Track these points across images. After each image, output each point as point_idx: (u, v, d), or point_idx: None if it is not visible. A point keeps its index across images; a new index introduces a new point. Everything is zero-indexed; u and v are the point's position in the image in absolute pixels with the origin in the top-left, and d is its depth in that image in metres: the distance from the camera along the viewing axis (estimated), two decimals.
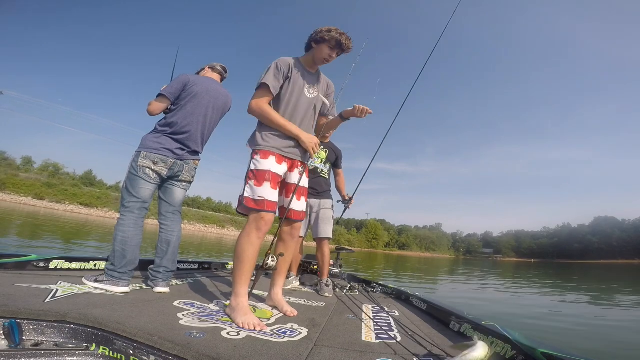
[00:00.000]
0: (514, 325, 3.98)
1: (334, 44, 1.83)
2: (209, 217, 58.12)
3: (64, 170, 56.62)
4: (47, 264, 2.15)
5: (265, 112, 1.77)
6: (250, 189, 1.74)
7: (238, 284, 1.65)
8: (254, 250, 1.68)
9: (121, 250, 1.89)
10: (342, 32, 1.84)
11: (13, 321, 1.13)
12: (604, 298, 8.62)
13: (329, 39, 1.82)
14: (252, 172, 1.77)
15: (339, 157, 3.25)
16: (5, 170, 45.53)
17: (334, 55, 1.87)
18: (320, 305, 2.20)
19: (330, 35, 1.82)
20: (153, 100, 2.12)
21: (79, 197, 45.20)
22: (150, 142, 2.05)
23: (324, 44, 1.84)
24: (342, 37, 1.83)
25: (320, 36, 1.84)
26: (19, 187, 42.01)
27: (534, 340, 1.29)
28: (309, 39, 1.90)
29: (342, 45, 1.84)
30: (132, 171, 2.00)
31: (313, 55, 1.90)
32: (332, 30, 1.83)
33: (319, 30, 1.86)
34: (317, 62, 1.91)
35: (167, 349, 1.09)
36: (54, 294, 1.49)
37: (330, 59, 1.88)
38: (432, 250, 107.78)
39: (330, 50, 1.85)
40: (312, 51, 1.90)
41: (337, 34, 1.82)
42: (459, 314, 1.85)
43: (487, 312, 5.38)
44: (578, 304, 7.41)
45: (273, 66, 1.80)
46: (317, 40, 1.86)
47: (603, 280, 16.42)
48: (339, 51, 1.86)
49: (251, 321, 1.46)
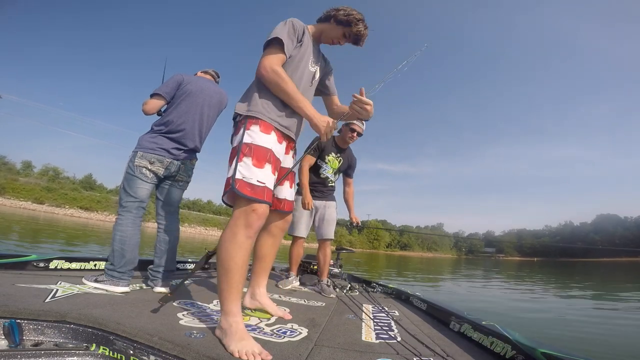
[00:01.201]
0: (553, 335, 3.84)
1: (353, 36, 1.64)
2: (210, 220, 58.09)
3: (64, 175, 56.76)
4: (47, 264, 2.15)
5: (282, 79, 1.42)
6: (246, 168, 1.32)
7: (227, 300, 1.27)
8: (243, 255, 1.28)
9: (120, 250, 1.90)
10: (366, 27, 1.65)
11: (13, 321, 1.13)
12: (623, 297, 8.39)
13: (353, 29, 1.62)
14: (247, 146, 1.36)
15: (353, 166, 3.19)
16: (5, 174, 45.54)
17: (342, 43, 1.69)
18: (320, 305, 2.19)
19: (357, 28, 1.62)
20: (148, 99, 2.11)
21: (79, 201, 45.24)
22: (147, 142, 2.05)
23: (345, 28, 1.63)
24: (364, 33, 1.65)
25: (347, 19, 1.62)
26: (18, 191, 42.02)
27: (534, 340, 1.29)
28: (330, 14, 1.66)
29: (359, 41, 1.66)
30: (129, 171, 2.00)
31: (323, 30, 1.68)
32: (360, 21, 1.63)
33: (348, 11, 1.63)
34: (324, 39, 1.70)
35: (167, 349, 1.08)
36: (54, 294, 1.50)
37: (336, 44, 1.69)
38: (434, 251, 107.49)
39: (344, 38, 1.66)
40: (326, 26, 1.67)
41: (363, 28, 1.63)
42: (459, 314, 1.85)
43: (515, 318, 4.96)
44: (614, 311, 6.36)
45: (289, 25, 1.50)
46: (340, 20, 1.63)
47: (614, 280, 16.22)
48: (349, 42, 1.68)
49: (250, 349, 1.12)
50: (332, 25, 1.66)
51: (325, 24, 1.68)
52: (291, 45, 1.49)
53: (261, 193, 1.31)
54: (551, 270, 24.56)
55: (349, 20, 1.62)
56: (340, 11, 1.64)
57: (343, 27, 1.64)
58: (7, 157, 52.15)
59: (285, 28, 1.48)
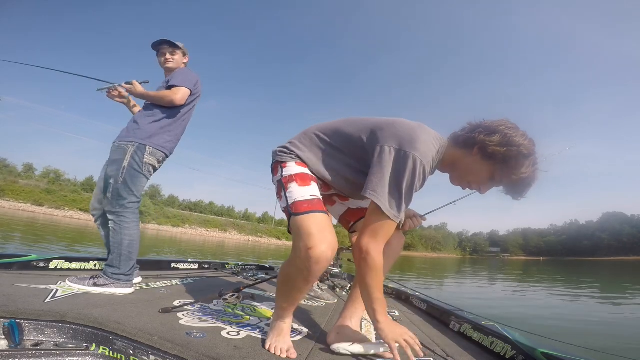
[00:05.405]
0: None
1: (512, 187, 1.11)
2: (211, 221, 58.22)
3: (65, 177, 56.99)
4: (47, 264, 2.15)
5: (380, 278, 1.16)
6: (294, 191, 1.19)
7: (287, 311, 1.24)
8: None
9: (128, 254, 1.86)
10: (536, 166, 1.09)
11: (13, 321, 1.13)
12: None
13: (519, 177, 1.06)
14: (287, 177, 1.23)
15: None
16: (5, 177, 45.75)
17: (483, 191, 1.18)
18: (320, 305, 2.19)
19: (526, 173, 1.06)
20: (182, 87, 1.96)
21: (79, 203, 45.24)
22: (157, 136, 1.92)
23: (506, 170, 1.07)
24: (532, 181, 1.09)
25: (512, 158, 1.05)
26: (17, 193, 42.05)
27: (534, 341, 1.29)
28: (483, 141, 1.07)
29: (519, 194, 1.12)
30: (136, 167, 1.85)
31: (458, 163, 1.17)
32: (534, 166, 1.07)
33: (518, 142, 1.04)
34: (456, 178, 1.19)
35: (167, 349, 1.08)
36: (54, 294, 1.50)
37: (471, 189, 1.20)
38: (438, 250, 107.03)
39: (491, 183, 1.13)
40: (469, 160, 1.13)
41: (533, 173, 1.07)
42: (459, 314, 1.85)
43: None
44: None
45: (417, 175, 1.06)
46: (502, 157, 1.06)
47: (621, 279, 16.02)
48: (505, 193, 1.15)
49: (280, 345, 1.16)
50: (475, 158, 1.11)
51: (465, 151, 1.14)
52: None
53: (319, 204, 1.17)
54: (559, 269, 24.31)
55: (511, 156, 1.05)
56: (501, 142, 1.05)
57: (496, 165, 1.08)
58: (7, 160, 52.48)
59: (408, 192, 1.07)
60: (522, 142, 1.05)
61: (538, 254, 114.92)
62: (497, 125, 1.08)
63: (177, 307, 1.55)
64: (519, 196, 1.13)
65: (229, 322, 1.48)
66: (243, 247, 28.28)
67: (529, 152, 1.06)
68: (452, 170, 1.21)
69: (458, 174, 1.19)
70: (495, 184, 1.14)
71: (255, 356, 1.10)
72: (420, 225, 1.44)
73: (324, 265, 1.08)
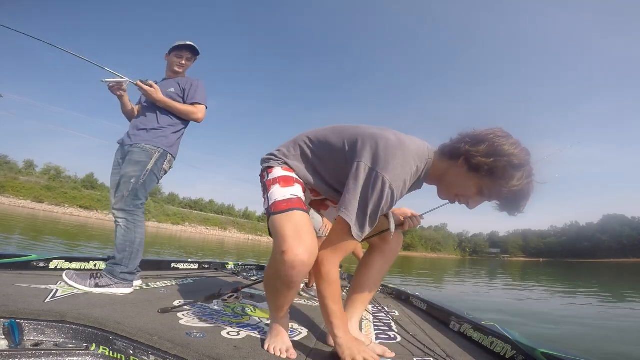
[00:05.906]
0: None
1: (504, 201, 1.04)
2: (211, 220, 58.35)
3: (66, 174, 57.00)
4: (47, 264, 2.15)
5: (333, 289, 1.14)
6: (276, 192, 1.17)
7: (281, 310, 1.24)
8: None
9: (137, 252, 1.88)
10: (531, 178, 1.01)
11: (13, 321, 1.13)
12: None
13: (510, 189, 0.98)
14: (271, 180, 1.22)
15: None
16: (6, 173, 45.80)
17: (472, 206, 1.11)
18: None
19: (518, 185, 0.98)
20: (199, 106, 2.06)
21: (79, 200, 45.39)
22: (175, 146, 2.05)
23: (495, 182, 0.99)
24: (527, 194, 1.02)
25: (499, 169, 0.97)
26: (18, 190, 42.25)
27: (534, 341, 1.29)
28: (468, 151, 1.02)
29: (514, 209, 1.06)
30: (156, 172, 1.96)
31: (445, 176, 1.12)
32: (528, 177, 1.00)
33: (507, 152, 0.97)
34: (442, 191, 1.15)
35: (167, 349, 1.08)
36: (54, 294, 1.50)
37: (459, 203, 1.13)
38: (438, 251, 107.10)
39: (480, 197, 1.06)
40: (455, 172, 1.07)
41: (527, 185, 1.00)
42: (459, 314, 1.85)
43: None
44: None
45: (384, 198, 1.02)
46: (488, 169, 0.98)
47: (621, 280, 15.96)
48: (499, 210, 1.08)
49: (279, 345, 1.16)
50: (460, 170, 1.05)
51: (451, 163, 1.08)
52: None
53: (298, 202, 1.14)
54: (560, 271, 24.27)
55: (502, 175, 0.97)
56: (489, 153, 0.98)
57: (491, 180, 1.00)
58: (9, 157, 52.58)
59: (378, 208, 1.03)
60: (512, 151, 0.97)
61: (538, 255, 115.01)
62: (485, 134, 1.01)
63: (177, 307, 1.54)
64: (515, 211, 1.05)
65: (229, 322, 1.49)
66: (243, 245, 28.31)
67: (521, 162, 0.97)
68: (439, 183, 1.15)
69: (444, 187, 1.13)
70: (485, 199, 1.06)
71: (255, 356, 1.10)
72: (419, 224, 1.44)
73: (301, 270, 1.03)
